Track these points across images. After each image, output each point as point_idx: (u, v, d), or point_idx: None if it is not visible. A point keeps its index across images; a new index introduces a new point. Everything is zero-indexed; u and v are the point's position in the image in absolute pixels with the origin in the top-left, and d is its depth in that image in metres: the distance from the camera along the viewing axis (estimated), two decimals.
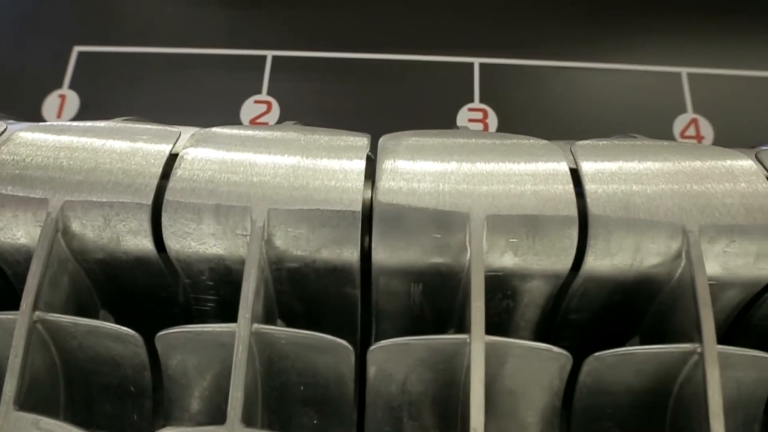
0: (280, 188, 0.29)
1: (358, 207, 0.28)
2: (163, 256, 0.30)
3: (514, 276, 0.30)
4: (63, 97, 0.49)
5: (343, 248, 0.29)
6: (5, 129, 0.32)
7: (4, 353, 0.27)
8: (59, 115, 0.48)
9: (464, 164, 0.30)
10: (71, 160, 0.30)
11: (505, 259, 0.29)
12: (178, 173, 0.30)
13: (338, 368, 0.29)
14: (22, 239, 0.30)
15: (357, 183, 0.29)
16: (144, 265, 0.31)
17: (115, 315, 0.34)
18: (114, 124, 0.33)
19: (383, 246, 0.29)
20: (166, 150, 0.31)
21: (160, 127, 0.32)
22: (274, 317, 0.32)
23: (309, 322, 0.33)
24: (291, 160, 0.30)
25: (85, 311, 0.32)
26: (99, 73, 0.50)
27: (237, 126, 0.33)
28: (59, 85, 0.49)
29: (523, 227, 0.28)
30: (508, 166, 0.30)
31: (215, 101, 0.49)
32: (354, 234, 0.29)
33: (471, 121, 0.48)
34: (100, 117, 0.38)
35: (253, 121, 0.48)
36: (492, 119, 0.48)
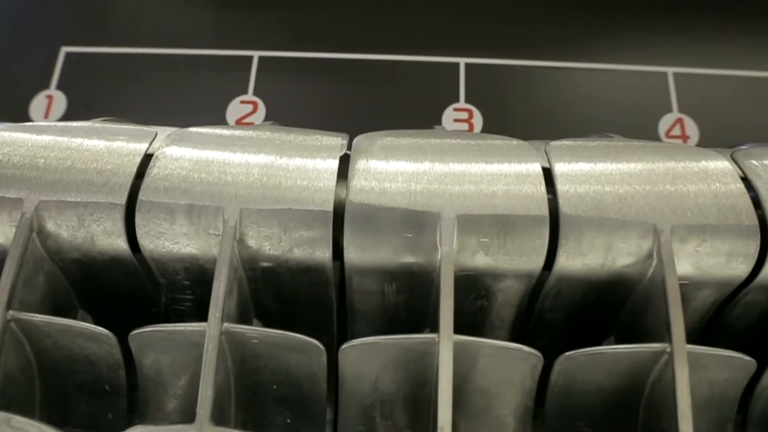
0: (252, 188, 0.29)
1: (329, 207, 0.29)
2: (139, 256, 0.31)
3: (486, 275, 0.30)
4: (50, 98, 0.49)
5: (316, 248, 0.29)
6: None
7: None
8: (46, 116, 0.48)
9: (437, 164, 0.30)
10: (47, 159, 0.30)
11: (477, 258, 0.29)
12: (153, 173, 0.30)
13: (310, 367, 0.29)
14: None
15: (329, 183, 0.29)
16: (119, 265, 0.31)
17: (93, 314, 0.34)
18: (92, 125, 0.33)
19: (354, 246, 0.29)
20: (141, 150, 0.31)
21: (137, 127, 0.33)
22: (249, 317, 0.32)
23: (285, 321, 0.33)
24: (264, 160, 0.30)
25: (62, 310, 0.32)
26: (86, 74, 0.50)
27: (215, 126, 0.33)
28: (46, 85, 0.49)
29: (494, 227, 0.28)
30: (480, 166, 0.30)
31: (201, 102, 0.49)
32: (326, 234, 0.29)
33: (456, 121, 0.48)
34: (87, 118, 0.38)
35: (239, 122, 0.48)
36: (477, 119, 0.48)
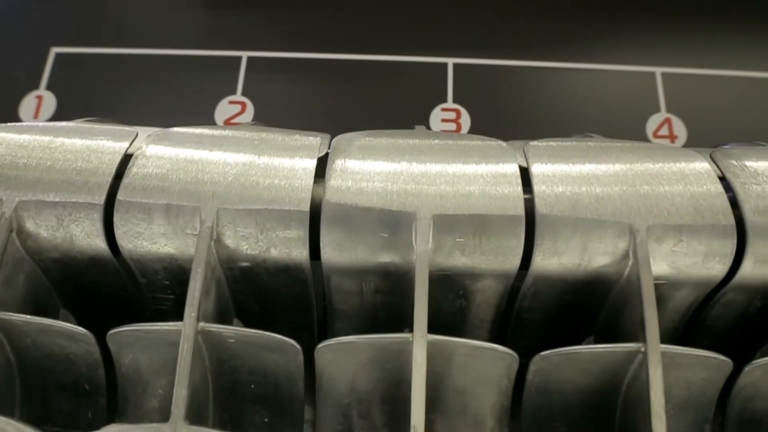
0: (230, 187, 0.29)
1: (306, 207, 0.29)
2: (118, 256, 0.31)
3: (463, 275, 0.30)
4: (40, 98, 0.49)
5: (293, 248, 0.29)
6: None
7: None
8: (36, 116, 0.49)
9: (414, 164, 0.30)
10: (28, 159, 0.31)
11: (453, 258, 0.29)
12: (132, 172, 0.30)
13: (288, 367, 0.29)
14: None
15: (306, 182, 0.29)
16: (99, 265, 0.31)
17: (75, 314, 0.34)
18: (74, 125, 0.33)
19: (331, 245, 0.29)
20: (121, 150, 0.31)
21: (118, 127, 0.33)
22: (229, 316, 0.32)
23: (266, 321, 0.33)
24: (243, 159, 0.30)
25: (43, 310, 0.32)
26: (76, 74, 0.50)
27: (196, 126, 0.33)
28: (36, 86, 0.49)
29: (469, 227, 0.28)
30: (457, 166, 0.30)
31: (190, 102, 0.49)
32: (302, 233, 0.29)
33: (444, 121, 0.48)
34: (77, 118, 0.38)
35: (227, 122, 0.48)
36: (465, 119, 0.48)
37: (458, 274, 0.29)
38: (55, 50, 0.50)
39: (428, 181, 0.29)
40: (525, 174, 0.30)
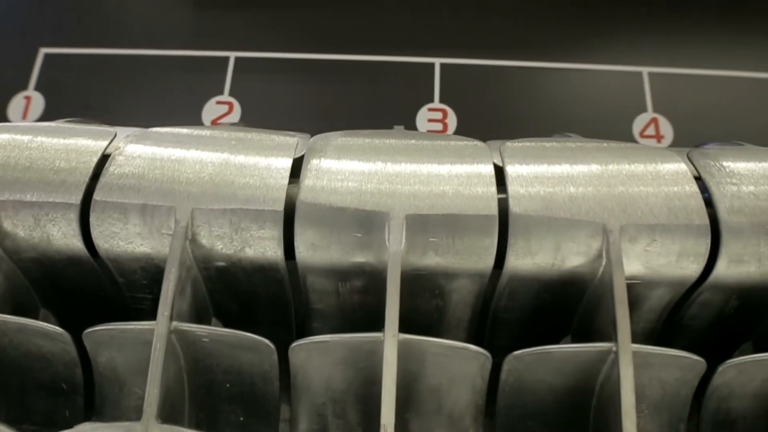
0: (205, 187, 0.29)
1: (280, 206, 0.29)
2: (96, 255, 0.31)
3: (438, 275, 0.30)
4: (28, 99, 0.49)
5: (267, 247, 0.29)
6: None
7: None
8: (24, 117, 0.49)
9: (389, 164, 0.30)
10: (6, 159, 0.31)
11: (427, 258, 0.29)
12: (108, 172, 0.30)
13: (262, 366, 0.29)
14: None
15: (281, 181, 0.29)
16: (77, 265, 0.31)
17: (55, 314, 0.34)
18: (53, 125, 0.33)
19: (305, 245, 0.29)
20: (99, 150, 0.31)
21: (97, 127, 0.33)
22: (207, 316, 0.32)
23: (244, 320, 0.33)
24: (219, 159, 0.30)
25: (23, 309, 0.32)
26: (64, 75, 0.50)
27: (176, 127, 0.33)
28: (24, 86, 0.49)
29: (443, 227, 0.28)
30: (432, 166, 0.30)
31: (178, 102, 0.49)
32: (276, 233, 0.29)
33: (431, 121, 0.48)
34: (65, 118, 0.38)
35: (214, 122, 0.49)
36: (451, 119, 0.48)
37: (433, 273, 0.29)
38: (43, 51, 0.50)
39: (402, 181, 0.29)
40: (502, 174, 0.30)
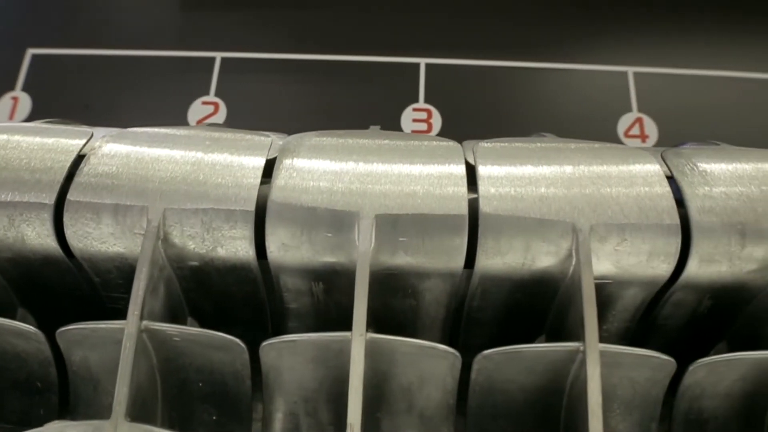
0: (177, 186, 0.29)
1: (251, 206, 0.29)
2: (72, 255, 0.31)
3: (410, 274, 0.30)
4: (16, 99, 0.49)
5: (239, 247, 0.29)
6: None
7: None
8: (11, 117, 0.49)
9: (361, 164, 0.30)
10: None
11: (397, 257, 0.29)
12: (83, 172, 0.30)
13: (234, 365, 0.29)
14: None
15: (253, 181, 0.29)
16: (53, 264, 0.31)
17: (34, 313, 0.34)
18: (31, 125, 0.33)
19: (276, 244, 0.29)
20: (74, 150, 0.31)
21: (74, 127, 0.33)
22: (183, 315, 0.33)
23: (220, 320, 0.33)
24: (192, 159, 0.30)
25: (0, 309, 0.33)
26: (52, 75, 0.50)
27: (154, 127, 0.33)
28: (12, 87, 0.50)
29: (412, 226, 0.28)
30: (403, 166, 0.30)
31: (164, 102, 0.49)
32: (247, 233, 0.29)
33: (415, 121, 0.48)
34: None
35: (199, 122, 0.49)
36: (436, 119, 0.48)
37: (404, 273, 0.30)
38: (31, 51, 0.51)
39: (373, 180, 0.29)
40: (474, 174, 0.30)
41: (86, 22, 0.52)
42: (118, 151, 0.31)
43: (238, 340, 0.28)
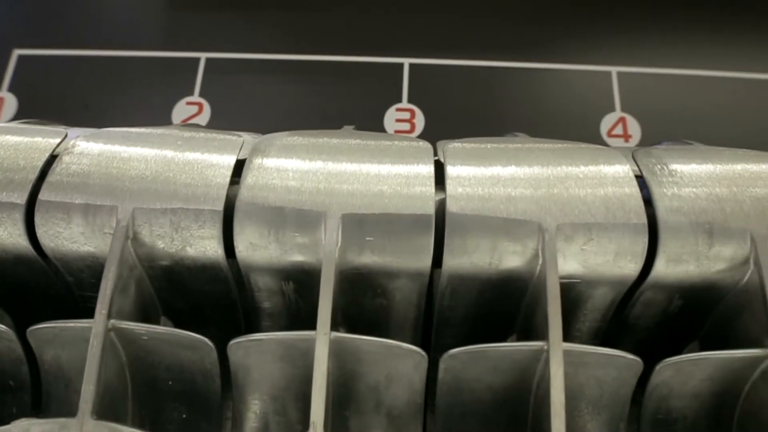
0: (147, 185, 0.29)
1: (219, 206, 0.29)
2: (45, 255, 0.31)
3: (378, 274, 0.30)
4: (1, 100, 0.50)
5: (208, 246, 0.29)
6: None
7: None
8: None
9: (330, 163, 0.30)
10: None
11: (365, 257, 0.29)
12: (55, 171, 0.30)
13: (203, 364, 0.29)
14: None
15: (222, 180, 0.29)
16: (26, 264, 0.32)
17: (9, 312, 0.34)
18: (5, 125, 0.33)
19: (244, 244, 0.29)
20: (48, 149, 0.31)
21: (48, 127, 0.33)
22: (155, 314, 0.33)
23: (193, 319, 0.33)
24: (163, 158, 0.30)
25: None
26: (38, 76, 0.51)
27: (131, 127, 0.34)
28: None
29: (379, 226, 0.29)
30: (372, 166, 0.30)
31: (148, 103, 0.50)
32: (216, 232, 0.29)
33: (398, 121, 0.48)
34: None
35: (184, 122, 0.49)
36: (419, 119, 0.48)
37: (372, 272, 0.30)
38: (17, 52, 0.51)
39: (341, 180, 0.29)
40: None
41: (73, 23, 0.52)
42: (91, 150, 0.31)
43: (206, 339, 0.28)
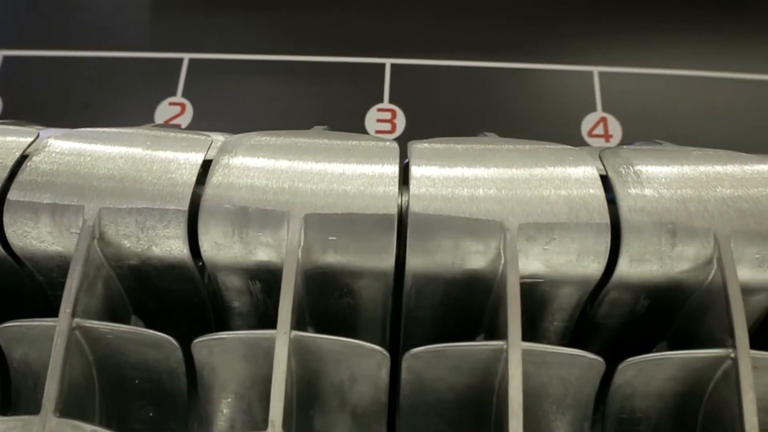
0: (114, 185, 0.30)
1: (184, 206, 0.29)
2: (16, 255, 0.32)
3: (343, 273, 0.30)
4: None
5: (173, 246, 0.30)
6: None
7: None
8: None
9: (295, 163, 0.30)
10: None
11: (328, 256, 0.29)
12: (25, 171, 0.30)
13: (168, 363, 0.29)
14: None
15: (188, 179, 0.30)
16: None
17: None
18: None
19: (209, 243, 0.29)
20: (18, 149, 0.32)
21: (21, 127, 0.33)
22: (125, 313, 0.33)
23: (165, 318, 0.33)
24: (130, 158, 0.31)
25: None
26: (23, 77, 0.51)
27: (104, 128, 0.34)
28: None
29: (341, 226, 0.29)
30: (337, 166, 0.30)
31: (132, 103, 0.50)
32: (181, 232, 0.29)
33: (379, 121, 0.49)
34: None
35: (166, 122, 0.49)
36: (400, 119, 0.48)
37: (336, 272, 0.30)
38: (2, 53, 0.51)
39: (305, 179, 0.29)
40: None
41: (59, 24, 0.53)
42: (61, 150, 0.31)
43: (170, 338, 0.29)
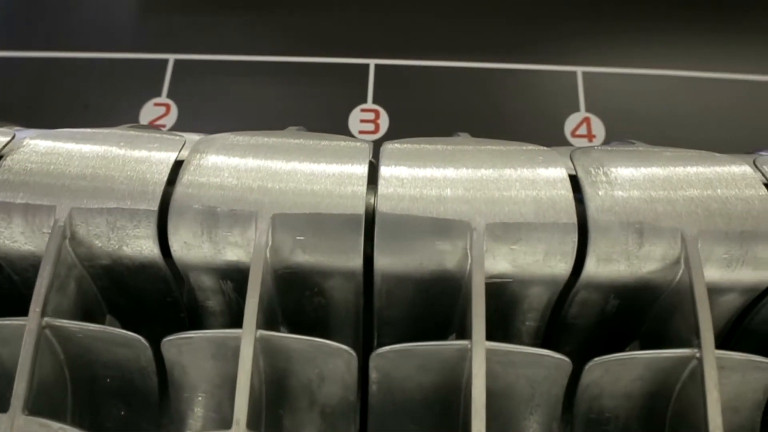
0: (85, 185, 0.30)
1: (154, 206, 0.29)
2: None
3: (312, 273, 0.30)
4: None
5: (143, 246, 0.30)
6: None
7: None
8: None
9: (264, 163, 0.30)
10: None
11: (296, 256, 0.29)
12: (1, 169, 0.31)
13: (138, 362, 0.30)
14: None
15: (158, 179, 0.30)
16: None
17: None
18: None
19: (179, 243, 0.30)
20: None
21: None
22: (100, 313, 0.33)
23: (140, 318, 0.34)
24: (103, 159, 0.31)
25: None
26: (8, 78, 0.51)
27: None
28: None
29: (309, 225, 0.29)
30: (307, 165, 0.30)
31: (116, 104, 0.50)
32: (151, 231, 0.29)
33: (363, 121, 0.49)
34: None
35: (151, 123, 0.49)
36: (383, 120, 0.49)
37: (305, 271, 0.30)
38: None
39: (274, 179, 0.30)
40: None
41: (43, 25, 0.53)
42: (36, 150, 0.32)
43: (139, 337, 0.29)
